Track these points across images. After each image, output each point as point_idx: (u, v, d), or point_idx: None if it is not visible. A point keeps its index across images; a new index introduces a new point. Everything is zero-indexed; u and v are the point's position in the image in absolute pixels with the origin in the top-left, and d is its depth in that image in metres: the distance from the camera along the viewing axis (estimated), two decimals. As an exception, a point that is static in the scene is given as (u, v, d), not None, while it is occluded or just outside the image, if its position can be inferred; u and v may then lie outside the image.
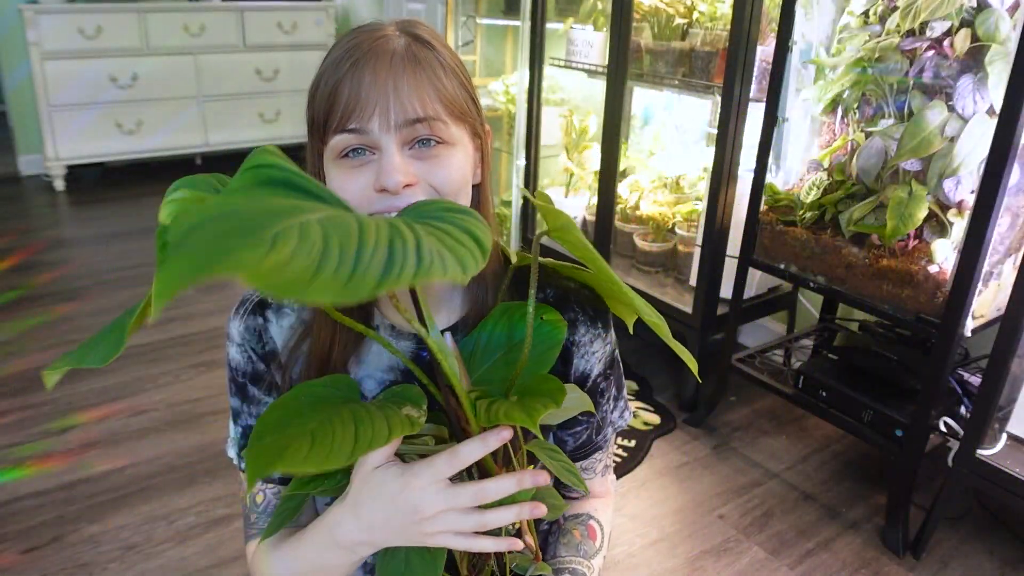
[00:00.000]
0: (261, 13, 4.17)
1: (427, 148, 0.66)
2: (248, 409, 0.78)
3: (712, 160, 1.99)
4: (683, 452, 2.03)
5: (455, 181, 0.67)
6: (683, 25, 2.22)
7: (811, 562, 1.66)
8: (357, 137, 0.65)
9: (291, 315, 0.76)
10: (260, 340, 0.77)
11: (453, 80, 0.67)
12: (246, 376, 0.77)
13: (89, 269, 3.05)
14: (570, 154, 2.73)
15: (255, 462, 0.50)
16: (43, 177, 4.03)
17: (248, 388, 0.78)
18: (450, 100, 0.66)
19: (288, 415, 0.56)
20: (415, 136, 0.65)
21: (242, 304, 0.78)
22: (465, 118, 0.69)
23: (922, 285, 1.55)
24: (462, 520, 0.61)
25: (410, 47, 0.66)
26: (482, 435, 0.60)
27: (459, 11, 3.26)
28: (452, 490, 0.60)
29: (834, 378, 1.81)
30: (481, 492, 0.60)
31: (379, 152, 0.65)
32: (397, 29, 0.68)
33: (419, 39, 0.67)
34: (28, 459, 1.91)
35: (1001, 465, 1.51)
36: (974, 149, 1.46)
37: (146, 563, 1.60)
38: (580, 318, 0.80)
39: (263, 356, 0.77)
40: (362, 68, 0.64)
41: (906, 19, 1.53)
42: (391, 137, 0.64)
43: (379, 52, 0.64)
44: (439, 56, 0.67)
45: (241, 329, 0.77)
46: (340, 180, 0.67)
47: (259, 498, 0.80)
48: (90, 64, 3.78)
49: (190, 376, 2.31)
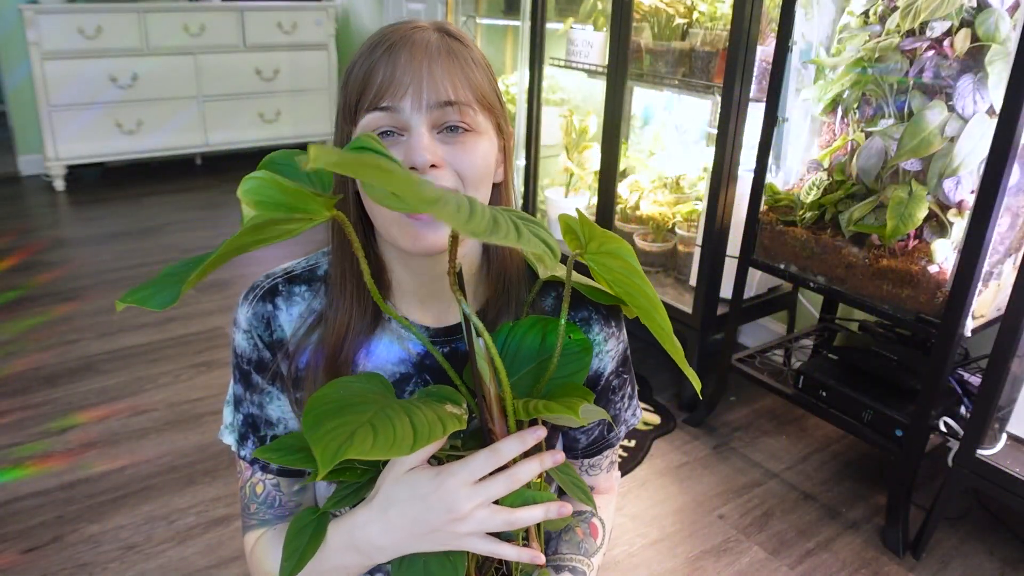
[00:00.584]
0: (261, 13, 4.17)
1: (455, 134, 0.67)
2: (251, 397, 0.78)
3: (712, 160, 1.99)
4: (683, 452, 2.03)
5: (479, 168, 0.68)
6: (683, 25, 2.22)
7: (811, 562, 1.66)
8: (389, 116, 0.65)
9: (301, 304, 0.76)
10: (268, 328, 0.76)
11: (484, 75, 0.70)
12: (251, 364, 0.77)
13: (89, 269, 3.05)
14: (570, 154, 2.73)
15: (325, 448, 0.50)
16: (43, 177, 4.03)
17: (252, 376, 0.77)
18: (480, 90, 0.68)
19: (339, 405, 0.56)
20: (445, 120, 0.66)
21: (252, 291, 0.77)
22: (492, 110, 0.71)
23: (922, 285, 1.55)
24: (493, 518, 0.61)
25: (444, 39, 0.68)
26: (519, 433, 0.62)
27: (459, 11, 3.26)
28: (484, 484, 0.61)
29: (834, 378, 1.81)
30: (513, 477, 0.62)
31: (408, 133, 0.66)
32: (430, 25, 0.70)
33: (451, 34, 0.70)
34: (28, 459, 1.91)
35: (1001, 465, 1.51)
36: (974, 149, 1.46)
37: (146, 563, 1.60)
38: (594, 316, 0.81)
39: (269, 344, 0.76)
40: (398, 51, 0.66)
41: (906, 19, 1.53)
42: (421, 117, 0.65)
43: (415, 39, 0.66)
44: (471, 52, 0.70)
45: (249, 315, 0.76)
46: None
47: (259, 488, 0.79)
48: (90, 64, 3.78)
49: (190, 376, 2.31)
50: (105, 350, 2.43)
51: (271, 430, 0.78)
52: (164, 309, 0.52)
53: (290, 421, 0.79)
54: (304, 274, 0.77)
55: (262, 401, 0.78)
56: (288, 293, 0.76)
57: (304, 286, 0.77)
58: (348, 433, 0.52)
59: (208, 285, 2.94)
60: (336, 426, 0.52)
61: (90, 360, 2.37)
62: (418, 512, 0.61)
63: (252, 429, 0.79)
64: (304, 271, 0.78)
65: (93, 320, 2.62)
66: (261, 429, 0.78)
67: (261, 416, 0.78)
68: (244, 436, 0.79)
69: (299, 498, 0.82)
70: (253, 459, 0.79)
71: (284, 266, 0.79)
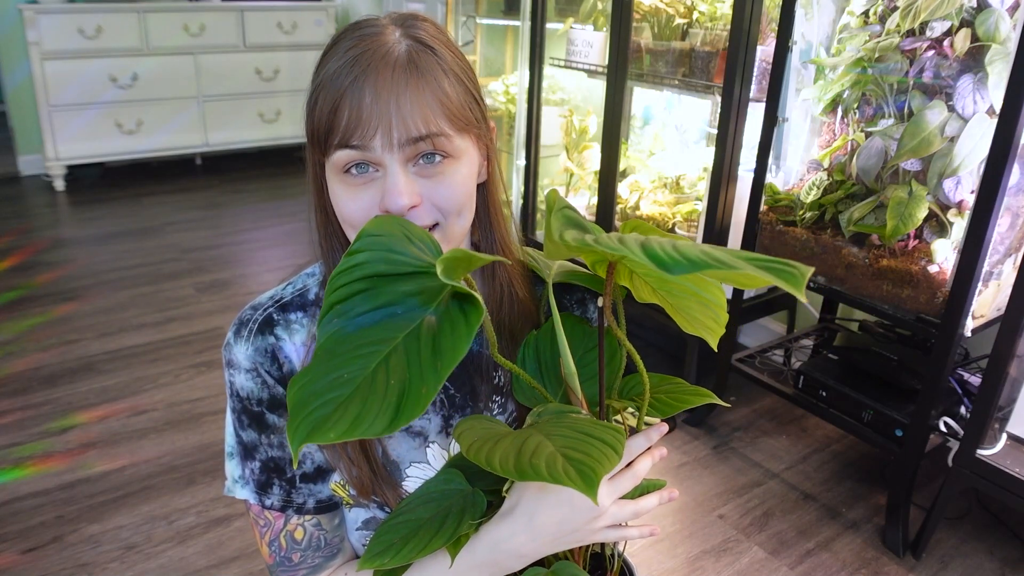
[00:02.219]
0: (261, 13, 4.17)
1: (431, 164, 0.65)
2: (268, 440, 0.72)
3: (712, 160, 1.99)
4: (683, 452, 2.03)
5: (458, 198, 0.67)
6: (683, 25, 2.22)
7: (811, 562, 1.66)
8: (360, 154, 0.63)
9: (302, 331, 0.72)
10: (275, 361, 0.71)
11: (457, 86, 0.65)
12: (262, 404, 0.71)
13: (89, 269, 3.05)
14: (570, 154, 2.73)
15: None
16: (43, 177, 4.03)
17: (266, 416, 0.72)
18: (454, 112, 0.65)
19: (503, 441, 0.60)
20: (419, 152, 0.64)
21: (243, 326, 0.72)
22: (470, 128, 0.67)
23: (922, 285, 1.55)
24: (623, 510, 0.66)
25: (411, 54, 0.63)
26: (645, 431, 0.67)
27: (459, 11, 3.26)
28: (616, 480, 0.65)
29: (834, 378, 1.81)
30: (635, 472, 0.66)
31: (383, 169, 0.64)
32: (397, 29, 0.65)
33: (420, 42, 0.65)
34: (28, 459, 1.91)
35: (1001, 465, 1.51)
36: (974, 149, 1.46)
37: (146, 563, 1.60)
38: (587, 296, 0.83)
39: (280, 379, 0.71)
40: (362, 83, 0.62)
41: (906, 19, 1.53)
42: (394, 156, 0.63)
43: (380, 64, 0.62)
44: (441, 61, 0.65)
45: (250, 353, 0.70)
46: (345, 197, 0.66)
47: (299, 534, 0.75)
48: (90, 64, 3.78)
49: (190, 376, 2.31)
50: (105, 350, 2.43)
51: (297, 469, 0.74)
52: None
53: (315, 455, 0.74)
54: (295, 300, 0.73)
55: (283, 441, 0.72)
56: (285, 322, 0.72)
57: (299, 312, 0.73)
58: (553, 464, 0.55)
59: (208, 285, 2.94)
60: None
61: (90, 360, 2.37)
62: (565, 515, 0.64)
63: (276, 473, 0.73)
64: (294, 296, 0.74)
65: (93, 320, 2.62)
66: (287, 471, 0.73)
67: (285, 457, 0.73)
68: (266, 484, 0.73)
69: (341, 532, 0.78)
70: (284, 504, 0.74)
71: (268, 294, 0.74)
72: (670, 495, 0.71)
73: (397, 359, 0.53)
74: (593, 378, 0.72)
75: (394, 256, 0.57)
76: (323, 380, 0.52)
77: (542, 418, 0.63)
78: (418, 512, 0.67)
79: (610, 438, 0.57)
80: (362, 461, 0.72)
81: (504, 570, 0.67)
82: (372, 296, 0.56)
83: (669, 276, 0.48)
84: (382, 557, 0.63)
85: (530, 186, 2.74)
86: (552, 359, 0.72)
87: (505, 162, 2.94)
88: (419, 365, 0.52)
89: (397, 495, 0.74)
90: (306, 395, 0.52)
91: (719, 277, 0.55)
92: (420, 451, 0.76)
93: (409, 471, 0.76)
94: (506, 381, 0.78)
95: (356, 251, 0.57)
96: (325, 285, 0.72)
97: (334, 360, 0.53)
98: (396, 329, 0.54)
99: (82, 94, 3.80)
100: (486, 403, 0.78)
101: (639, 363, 0.66)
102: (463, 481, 0.69)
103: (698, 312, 0.66)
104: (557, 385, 0.72)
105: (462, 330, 0.53)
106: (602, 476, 0.52)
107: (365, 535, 0.78)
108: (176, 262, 3.15)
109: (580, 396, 0.68)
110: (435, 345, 0.53)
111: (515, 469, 0.54)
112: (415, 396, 0.51)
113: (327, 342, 0.54)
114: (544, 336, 0.74)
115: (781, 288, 0.48)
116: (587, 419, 0.62)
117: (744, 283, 0.53)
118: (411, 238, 0.58)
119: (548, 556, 0.68)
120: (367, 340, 0.54)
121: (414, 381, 0.51)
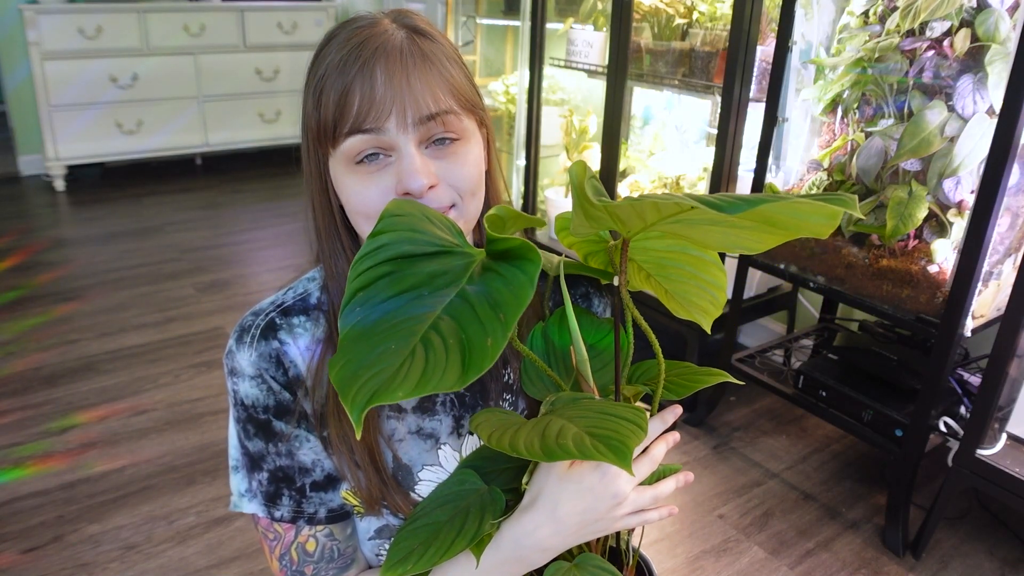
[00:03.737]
0: (261, 13, 4.18)
1: (443, 147, 0.65)
2: (277, 448, 0.70)
3: (712, 160, 1.99)
4: (683, 452, 2.03)
5: (473, 178, 0.67)
6: (683, 25, 2.22)
7: (811, 562, 1.66)
8: (373, 138, 0.63)
9: (305, 335, 0.71)
10: (280, 366, 0.69)
11: (459, 70, 0.67)
12: (268, 411, 0.70)
13: (89, 269, 3.05)
14: (570, 154, 2.73)
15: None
16: (43, 177, 4.03)
17: (272, 424, 0.70)
18: (460, 91, 0.66)
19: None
20: (431, 135, 0.64)
21: (244, 332, 0.70)
22: (474, 109, 0.68)
23: (922, 285, 1.55)
24: (642, 496, 0.66)
25: (413, 40, 0.65)
26: (660, 413, 0.68)
27: (459, 11, 3.26)
28: (634, 465, 0.64)
29: (834, 378, 1.81)
30: (652, 457, 0.66)
31: (396, 153, 0.64)
32: (393, 22, 0.66)
33: (416, 30, 0.66)
34: (28, 459, 1.91)
35: (1001, 465, 1.51)
36: (974, 149, 1.46)
37: (146, 563, 1.60)
38: (591, 291, 0.83)
39: (287, 384, 0.69)
40: (372, 67, 0.62)
41: (906, 19, 1.53)
42: (408, 137, 0.63)
43: (386, 49, 0.63)
44: (442, 48, 0.66)
45: (254, 359, 0.69)
46: (358, 187, 0.65)
47: (311, 545, 0.73)
48: (90, 64, 3.78)
49: (190, 376, 2.31)
50: (105, 350, 2.43)
51: (307, 478, 0.71)
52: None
53: (325, 462, 0.72)
54: (297, 304, 0.72)
55: (291, 449, 0.71)
56: (288, 326, 0.70)
57: (302, 316, 0.71)
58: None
59: (208, 285, 2.94)
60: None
61: (90, 360, 2.37)
62: (588, 504, 0.63)
63: (286, 483, 0.71)
64: (296, 301, 0.72)
65: (93, 320, 2.62)
66: (297, 480, 0.71)
67: (294, 465, 0.71)
68: (275, 495, 0.71)
69: (353, 541, 0.76)
70: (295, 515, 0.71)
71: (269, 300, 0.73)
72: (686, 478, 0.70)
73: (447, 324, 0.51)
74: (601, 370, 0.72)
75: (418, 235, 0.55)
76: (369, 356, 0.50)
77: (557, 405, 0.62)
78: (435, 515, 0.66)
79: (632, 415, 0.56)
80: (370, 467, 0.71)
81: (528, 565, 0.66)
82: (396, 280, 0.53)
83: (726, 219, 0.49)
84: (404, 564, 0.62)
85: (530, 186, 2.74)
86: (563, 348, 0.72)
87: (505, 162, 2.94)
88: (478, 322, 0.50)
89: (409, 501, 0.73)
90: (354, 369, 0.49)
91: (773, 213, 0.50)
92: (432, 453, 0.75)
93: (422, 474, 0.74)
94: (516, 379, 0.78)
95: (379, 232, 0.55)
96: (327, 288, 0.72)
97: (372, 339, 0.51)
98: (430, 307, 0.52)
99: (82, 94, 3.80)
100: (496, 402, 0.77)
101: (654, 342, 0.66)
102: (478, 480, 0.68)
103: (695, 295, 0.67)
104: (567, 375, 0.71)
105: (521, 279, 0.51)
106: (633, 448, 0.52)
107: (378, 544, 0.77)
108: (176, 262, 3.15)
109: (592, 384, 0.67)
110: (492, 302, 0.51)
111: (542, 450, 0.52)
112: (480, 350, 0.49)
113: (352, 331, 0.51)
114: (553, 326, 0.74)
115: (841, 214, 0.51)
116: (604, 401, 0.62)
117: (792, 226, 0.53)
118: (431, 219, 0.57)
119: (568, 550, 0.68)
120: (401, 319, 0.52)
121: (476, 337, 0.49)
